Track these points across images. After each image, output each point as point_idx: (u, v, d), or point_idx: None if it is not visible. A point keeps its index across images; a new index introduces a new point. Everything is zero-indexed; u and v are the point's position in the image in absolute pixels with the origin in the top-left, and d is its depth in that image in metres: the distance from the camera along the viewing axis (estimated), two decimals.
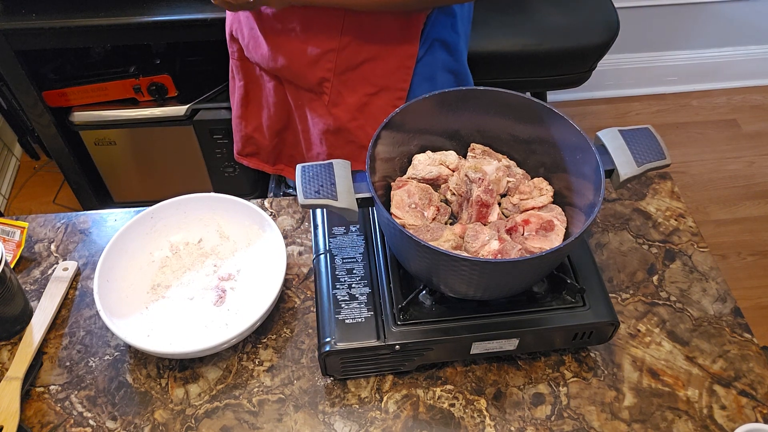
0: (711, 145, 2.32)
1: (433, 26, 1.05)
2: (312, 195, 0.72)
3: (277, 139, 1.26)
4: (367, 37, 1.01)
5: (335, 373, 0.80)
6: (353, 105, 1.10)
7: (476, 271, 0.69)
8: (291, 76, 1.10)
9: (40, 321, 0.86)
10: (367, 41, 1.02)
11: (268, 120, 1.23)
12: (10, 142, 2.24)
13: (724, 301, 0.90)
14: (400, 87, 1.08)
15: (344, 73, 1.06)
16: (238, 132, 1.30)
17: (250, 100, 1.23)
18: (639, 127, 0.79)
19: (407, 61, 1.05)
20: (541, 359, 0.84)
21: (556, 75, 1.68)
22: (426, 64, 1.09)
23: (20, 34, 1.45)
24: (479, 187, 0.78)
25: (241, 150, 1.33)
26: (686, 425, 0.79)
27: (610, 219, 1.00)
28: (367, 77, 1.06)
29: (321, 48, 1.03)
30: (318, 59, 1.04)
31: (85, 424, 0.79)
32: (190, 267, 0.92)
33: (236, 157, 1.35)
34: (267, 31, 1.06)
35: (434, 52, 1.09)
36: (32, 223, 0.99)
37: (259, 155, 1.32)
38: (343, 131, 1.13)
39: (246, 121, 1.27)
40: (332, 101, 1.10)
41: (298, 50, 1.04)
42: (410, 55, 1.05)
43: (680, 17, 2.25)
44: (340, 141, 1.15)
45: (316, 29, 1.01)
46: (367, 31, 1.01)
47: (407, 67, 1.06)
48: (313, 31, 1.01)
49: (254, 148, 1.31)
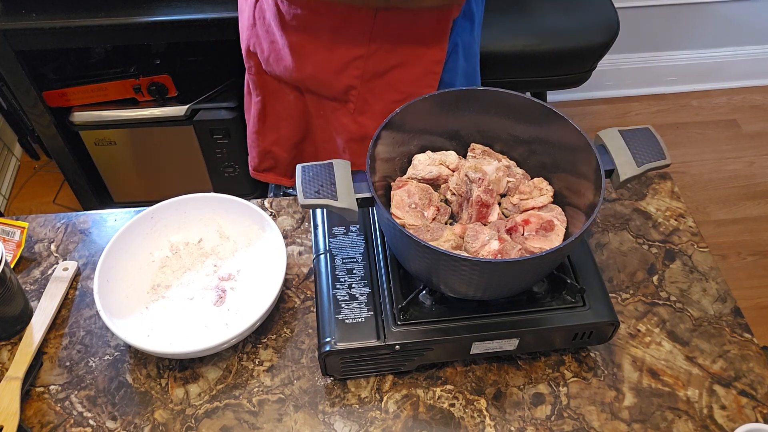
0: (711, 145, 2.32)
1: (456, 31, 1.05)
2: (312, 195, 0.72)
3: (295, 151, 1.25)
4: (395, 43, 1.00)
5: (335, 373, 0.80)
6: (379, 113, 1.08)
7: (476, 271, 0.69)
8: (316, 85, 1.09)
9: (40, 321, 0.86)
10: (395, 47, 1.01)
11: (287, 132, 1.22)
12: (10, 142, 2.24)
13: (724, 301, 0.90)
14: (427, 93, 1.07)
15: (371, 81, 1.05)
16: (255, 148, 1.29)
17: (268, 115, 1.22)
18: (639, 127, 0.79)
19: (434, 67, 1.04)
20: (541, 359, 0.84)
21: (556, 75, 1.68)
22: (447, 71, 1.08)
23: (20, 34, 1.45)
24: (479, 187, 0.78)
25: (257, 165, 1.31)
26: (686, 425, 0.79)
27: (610, 219, 1.00)
28: (393, 84, 1.05)
29: (349, 55, 1.02)
30: (345, 67, 1.03)
31: (85, 424, 0.79)
32: (190, 267, 0.92)
33: (252, 173, 1.33)
34: (292, 41, 1.04)
35: (456, 57, 1.09)
36: (32, 223, 0.99)
37: (276, 169, 1.31)
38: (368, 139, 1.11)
39: (263, 136, 1.25)
40: (358, 109, 1.09)
41: (324, 58, 1.03)
42: (438, 61, 1.04)
43: (680, 17, 2.25)
44: (364, 149, 1.13)
45: (345, 36, 1.00)
46: (396, 36, 1.00)
47: (434, 73, 1.05)
48: (341, 38, 1.00)
49: (272, 163, 1.29)
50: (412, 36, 1.00)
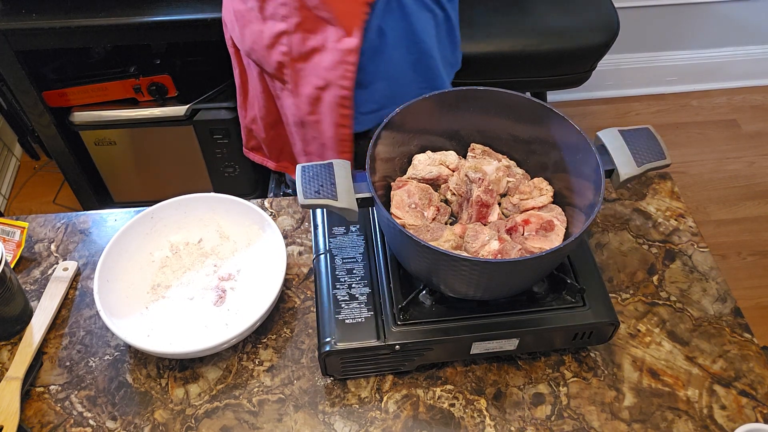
0: (711, 145, 2.32)
1: (377, 16, 0.97)
2: (312, 195, 0.72)
3: (272, 132, 1.24)
4: (311, 21, 0.97)
5: (335, 373, 0.80)
6: (307, 98, 1.07)
7: (476, 271, 0.69)
8: (257, 58, 1.07)
9: (40, 321, 0.86)
10: (314, 27, 0.98)
11: (260, 111, 1.21)
12: (10, 142, 2.24)
13: (724, 301, 0.90)
14: (341, 85, 1.02)
15: (298, 62, 1.03)
16: (242, 123, 1.29)
17: (245, 90, 1.23)
18: (639, 127, 0.79)
19: (347, 56, 0.99)
20: (541, 359, 0.84)
21: (556, 75, 1.68)
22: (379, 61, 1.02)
23: (20, 34, 1.45)
24: (479, 187, 0.78)
25: (246, 143, 1.32)
26: (686, 425, 0.79)
27: (610, 219, 1.00)
28: (315, 69, 1.03)
29: (275, 29, 1.00)
30: (274, 42, 1.02)
31: (85, 424, 0.79)
32: (190, 267, 0.92)
33: (244, 151, 1.34)
34: (237, 9, 1.05)
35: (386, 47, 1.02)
36: (32, 223, 0.99)
37: (261, 150, 1.31)
38: (306, 125, 1.11)
39: (244, 111, 1.26)
40: (293, 90, 1.07)
41: (258, 30, 1.02)
42: (349, 50, 0.98)
43: (680, 17, 2.25)
44: (307, 136, 1.13)
45: (269, 7, 0.99)
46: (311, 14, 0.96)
47: (348, 63, 0.99)
48: (267, 10, 0.99)
49: (255, 142, 1.30)
50: (328, 17, 0.97)
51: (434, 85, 1.12)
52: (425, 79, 1.10)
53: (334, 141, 1.11)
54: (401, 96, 1.09)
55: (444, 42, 1.12)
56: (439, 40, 1.09)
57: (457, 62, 1.22)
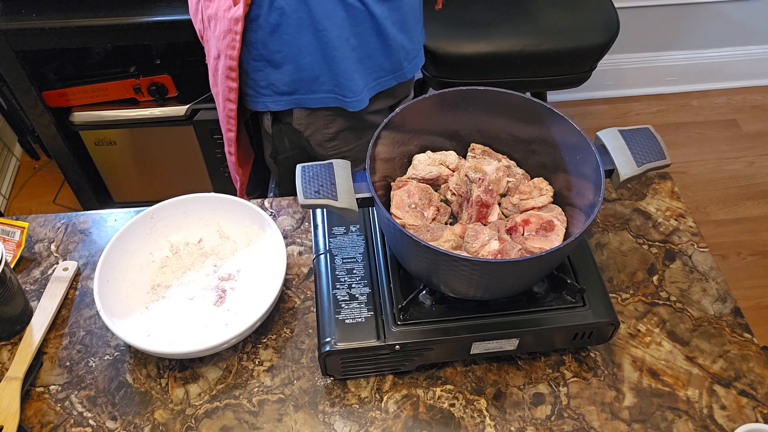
0: (711, 145, 2.32)
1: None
2: (312, 195, 0.72)
3: None
4: None
5: (335, 373, 0.80)
6: (212, 69, 1.08)
7: (476, 271, 0.69)
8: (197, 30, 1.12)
9: (40, 321, 0.86)
10: None
11: None
12: (10, 142, 2.24)
13: (724, 301, 0.90)
14: (228, 55, 1.01)
15: (207, 30, 1.05)
16: None
17: None
18: (639, 127, 0.79)
19: (233, 25, 0.97)
20: (541, 359, 0.84)
21: (556, 75, 1.68)
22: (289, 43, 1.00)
23: (20, 34, 1.45)
24: (479, 187, 0.78)
25: None
26: (686, 425, 0.79)
27: (610, 219, 1.00)
28: (213, 39, 1.03)
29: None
30: (196, 9, 1.07)
31: (85, 424, 0.79)
32: (190, 267, 0.92)
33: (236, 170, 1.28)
34: None
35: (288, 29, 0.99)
36: (32, 223, 0.99)
37: None
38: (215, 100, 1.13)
39: None
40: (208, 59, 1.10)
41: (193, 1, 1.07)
42: (235, 19, 0.96)
43: (680, 17, 2.25)
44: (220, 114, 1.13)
45: None
46: None
47: (234, 32, 0.98)
48: None
49: None
50: None
51: (341, 83, 1.05)
52: (333, 74, 1.05)
53: (223, 116, 1.10)
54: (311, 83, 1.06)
55: (369, 41, 1.04)
56: (358, 36, 1.02)
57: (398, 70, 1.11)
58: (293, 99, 1.10)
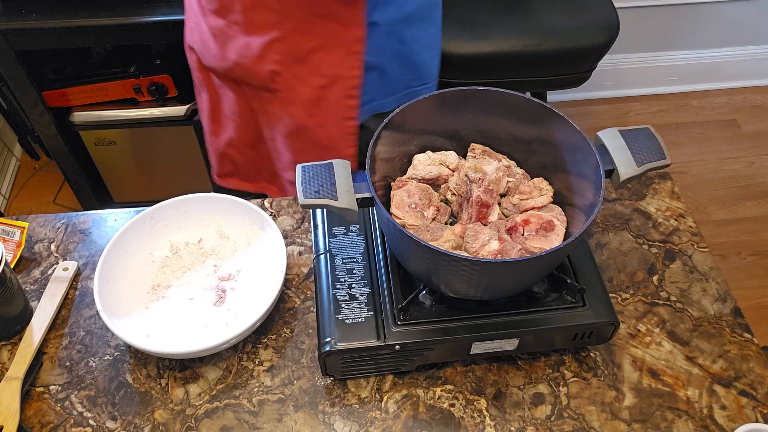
0: (711, 145, 2.32)
1: (372, 7, 0.99)
2: (312, 195, 0.72)
3: (252, 152, 1.21)
4: (308, 22, 0.97)
5: (335, 373, 0.80)
6: (307, 100, 1.05)
7: (476, 271, 0.69)
8: (243, 74, 1.06)
9: (40, 321, 0.86)
10: (310, 28, 0.98)
11: (237, 132, 1.18)
12: (10, 142, 2.24)
13: (724, 301, 0.90)
14: (352, 75, 1.03)
15: (294, 65, 1.02)
16: (212, 150, 1.24)
17: (217, 114, 1.19)
18: (639, 127, 0.79)
19: (355, 47, 1.00)
20: (541, 359, 0.84)
21: (556, 75, 1.68)
22: (372, 52, 1.02)
23: (20, 34, 1.45)
24: (479, 187, 0.78)
25: (219, 171, 1.27)
26: (686, 425, 0.79)
27: (610, 219, 1.00)
28: (316, 68, 1.02)
29: (265, 38, 0.99)
30: (265, 52, 1.00)
31: (85, 424, 0.79)
32: (190, 267, 0.92)
33: (215, 179, 1.29)
34: (213, 27, 1.03)
35: (379, 37, 1.02)
36: (32, 223, 0.99)
37: (238, 174, 1.26)
38: (303, 132, 1.09)
39: (217, 137, 1.21)
40: (287, 97, 1.05)
41: (243, 44, 1.01)
42: (357, 40, 0.99)
43: (680, 17, 2.25)
44: (302, 143, 1.11)
45: (257, 17, 0.97)
46: (308, 16, 0.96)
47: (356, 53, 1.00)
48: (255, 20, 0.98)
49: (231, 167, 1.25)
50: (324, 14, 0.97)
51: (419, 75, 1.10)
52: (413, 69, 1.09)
53: (340, 137, 1.10)
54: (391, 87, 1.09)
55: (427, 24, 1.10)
56: None
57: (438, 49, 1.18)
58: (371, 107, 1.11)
